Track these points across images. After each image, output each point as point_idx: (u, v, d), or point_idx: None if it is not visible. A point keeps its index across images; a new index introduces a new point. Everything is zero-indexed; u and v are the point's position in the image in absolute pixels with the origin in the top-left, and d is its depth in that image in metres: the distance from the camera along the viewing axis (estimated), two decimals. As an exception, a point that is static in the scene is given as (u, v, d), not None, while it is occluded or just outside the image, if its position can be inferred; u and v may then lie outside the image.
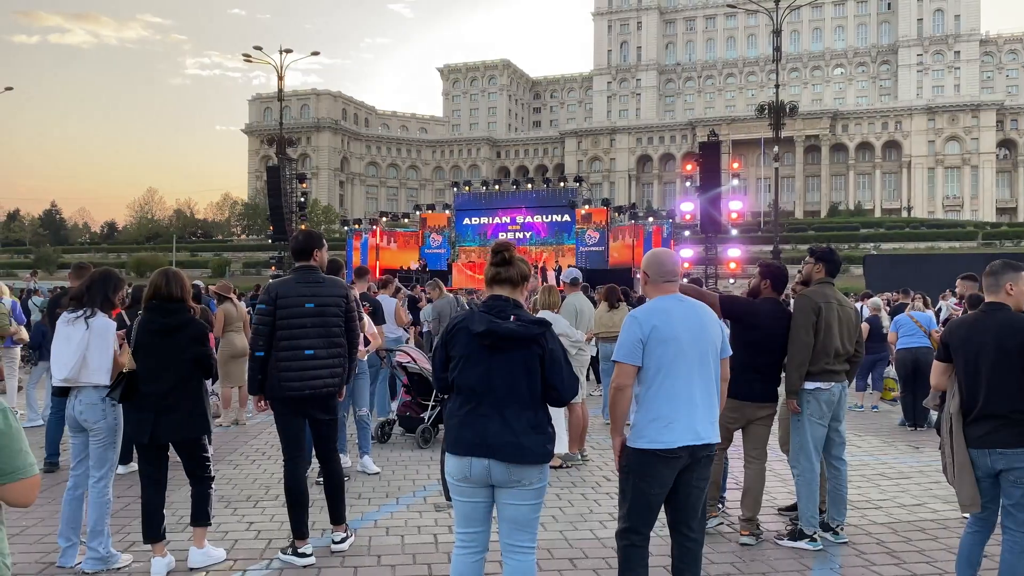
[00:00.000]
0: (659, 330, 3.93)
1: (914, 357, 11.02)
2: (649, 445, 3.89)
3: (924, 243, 76.06)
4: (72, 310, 5.29)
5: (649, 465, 3.91)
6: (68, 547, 5.26)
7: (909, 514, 6.70)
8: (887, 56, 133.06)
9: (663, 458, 3.89)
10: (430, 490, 7.30)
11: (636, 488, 3.96)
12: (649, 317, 3.98)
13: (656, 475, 3.92)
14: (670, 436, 3.88)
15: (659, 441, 3.88)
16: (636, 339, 3.94)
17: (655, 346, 3.92)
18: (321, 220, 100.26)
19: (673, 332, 3.94)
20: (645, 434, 3.92)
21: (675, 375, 3.92)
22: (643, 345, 3.92)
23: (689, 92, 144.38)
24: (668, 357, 3.92)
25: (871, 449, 9.53)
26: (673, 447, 3.88)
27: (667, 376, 3.92)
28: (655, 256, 4.27)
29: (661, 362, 3.92)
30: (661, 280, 4.15)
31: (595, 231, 41.68)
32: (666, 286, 4.14)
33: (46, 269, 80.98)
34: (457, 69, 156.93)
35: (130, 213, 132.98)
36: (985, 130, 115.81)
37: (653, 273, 4.16)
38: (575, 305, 8.95)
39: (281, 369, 5.26)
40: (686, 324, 3.99)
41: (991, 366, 4.24)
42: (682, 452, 3.90)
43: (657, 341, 3.92)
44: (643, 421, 3.94)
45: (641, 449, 3.92)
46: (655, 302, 4.09)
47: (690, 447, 3.90)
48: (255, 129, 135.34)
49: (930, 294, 16.17)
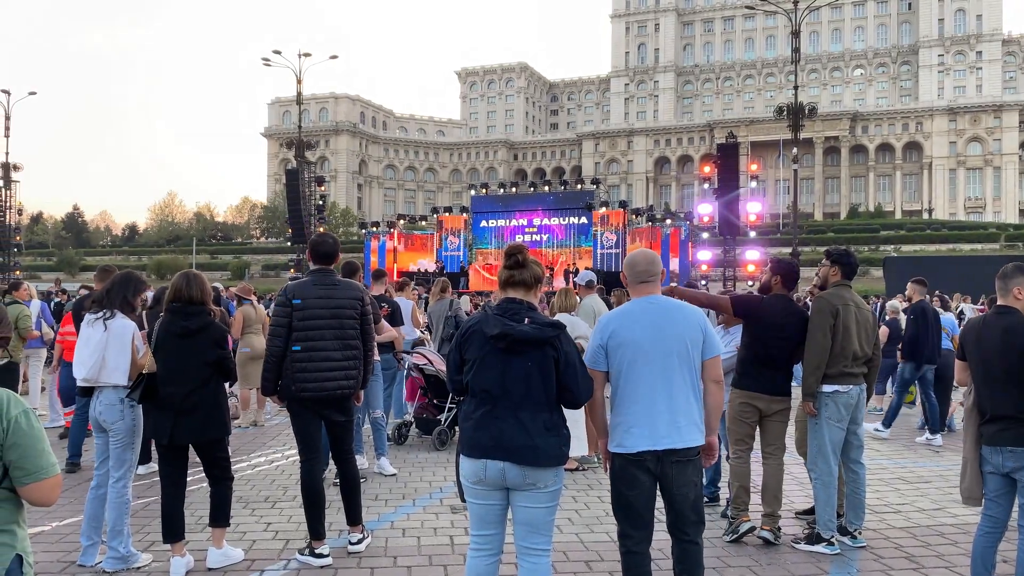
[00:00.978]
0: (617, 334, 3.95)
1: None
2: (616, 449, 3.97)
3: (945, 245, 75.27)
4: (94, 312, 5.38)
5: (622, 468, 3.96)
6: (89, 546, 5.33)
7: (928, 518, 6.65)
8: (908, 56, 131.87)
9: (632, 461, 3.92)
10: (446, 492, 7.32)
11: (616, 491, 4.02)
12: (610, 321, 4.03)
13: (629, 478, 3.93)
14: (631, 441, 3.90)
15: (623, 445, 3.93)
16: (597, 344, 3.99)
17: (614, 349, 3.95)
18: (339, 223, 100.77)
19: (631, 335, 3.93)
20: (614, 438, 4.00)
21: (635, 379, 3.92)
22: (604, 350, 3.96)
23: (707, 93, 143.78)
24: (627, 361, 3.93)
25: (890, 453, 9.46)
26: (634, 451, 3.89)
27: (627, 380, 3.94)
28: (630, 257, 4.26)
29: (620, 366, 3.94)
30: (636, 281, 4.12)
31: (612, 233, 41.60)
32: (642, 287, 4.11)
33: (68, 271, 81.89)
34: (474, 72, 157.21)
35: (151, 216, 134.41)
36: (1008, 131, 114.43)
37: (629, 274, 4.16)
38: (592, 307, 8.94)
39: (297, 371, 5.30)
40: (648, 326, 3.94)
41: (998, 368, 4.32)
42: (647, 456, 3.88)
43: (616, 345, 3.95)
44: (612, 425, 4.03)
45: (613, 452, 4.00)
46: (624, 305, 4.13)
47: (655, 451, 3.87)
48: (274, 132, 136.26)
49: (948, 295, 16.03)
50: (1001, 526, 4.45)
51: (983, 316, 4.70)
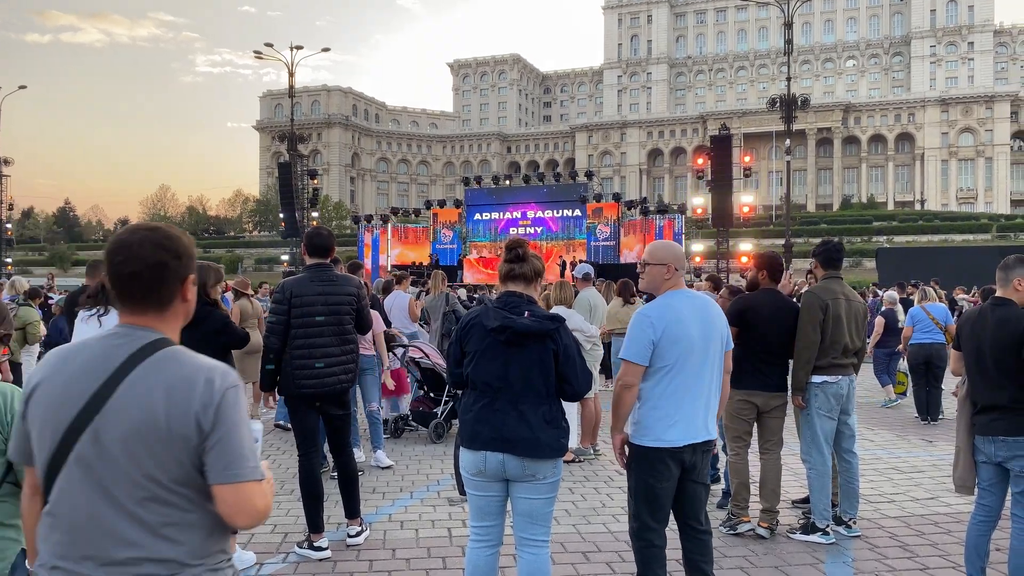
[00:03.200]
0: (671, 330, 3.90)
1: (927, 353, 11.01)
2: (655, 443, 3.91)
3: (938, 236, 75.49)
4: (88, 308, 5.36)
5: (657, 461, 3.93)
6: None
7: (922, 508, 6.71)
8: (900, 48, 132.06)
9: (670, 454, 3.92)
10: (443, 484, 7.35)
11: (645, 485, 3.96)
12: (662, 315, 3.93)
13: (663, 471, 3.94)
14: (676, 434, 3.91)
15: (664, 439, 3.90)
16: (648, 340, 3.89)
17: (667, 346, 3.89)
18: (332, 216, 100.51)
19: (685, 331, 3.92)
20: (652, 431, 3.92)
21: (684, 374, 3.92)
22: (654, 346, 3.89)
23: (700, 85, 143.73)
24: (678, 356, 3.91)
25: (884, 443, 9.53)
26: (678, 445, 3.91)
27: (676, 375, 3.91)
28: (677, 249, 4.22)
29: (671, 361, 3.91)
30: (683, 274, 4.16)
31: (606, 226, 41.56)
32: (681, 281, 4.14)
33: (60, 266, 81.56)
34: (467, 64, 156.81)
35: (143, 210, 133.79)
36: (999, 121, 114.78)
37: (681, 267, 4.11)
38: (589, 300, 8.97)
39: (296, 368, 5.31)
40: (697, 322, 3.97)
41: (991, 359, 4.37)
42: (687, 449, 3.93)
43: (669, 341, 3.89)
44: (650, 418, 3.93)
45: (647, 446, 3.93)
46: (667, 299, 4.03)
47: (692, 444, 3.94)
48: (266, 126, 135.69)
49: (944, 287, 16.10)
50: (994, 515, 4.50)
51: (979, 307, 4.74)
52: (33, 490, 2.05)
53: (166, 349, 1.96)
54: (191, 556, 1.91)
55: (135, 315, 2.01)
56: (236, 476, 1.90)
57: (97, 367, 1.92)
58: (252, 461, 1.95)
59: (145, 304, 2.00)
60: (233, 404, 1.93)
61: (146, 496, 1.88)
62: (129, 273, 1.96)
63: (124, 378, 1.90)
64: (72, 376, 1.93)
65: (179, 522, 1.90)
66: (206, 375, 1.93)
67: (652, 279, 4.12)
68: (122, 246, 1.97)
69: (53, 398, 1.93)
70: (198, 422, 1.88)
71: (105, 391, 1.89)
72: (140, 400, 1.88)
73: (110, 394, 1.89)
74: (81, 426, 1.89)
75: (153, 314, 2.01)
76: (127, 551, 1.86)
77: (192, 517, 1.92)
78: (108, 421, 1.88)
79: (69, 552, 1.89)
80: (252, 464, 1.94)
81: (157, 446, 1.87)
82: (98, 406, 1.89)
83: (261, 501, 1.94)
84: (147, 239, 1.98)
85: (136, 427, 1.87)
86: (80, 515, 1.88)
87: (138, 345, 1.94)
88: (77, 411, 1.89)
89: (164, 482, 1.89)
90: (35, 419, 1.95)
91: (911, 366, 11.34)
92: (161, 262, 1.97)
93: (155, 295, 1.99)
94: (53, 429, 1.91)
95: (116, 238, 2.01)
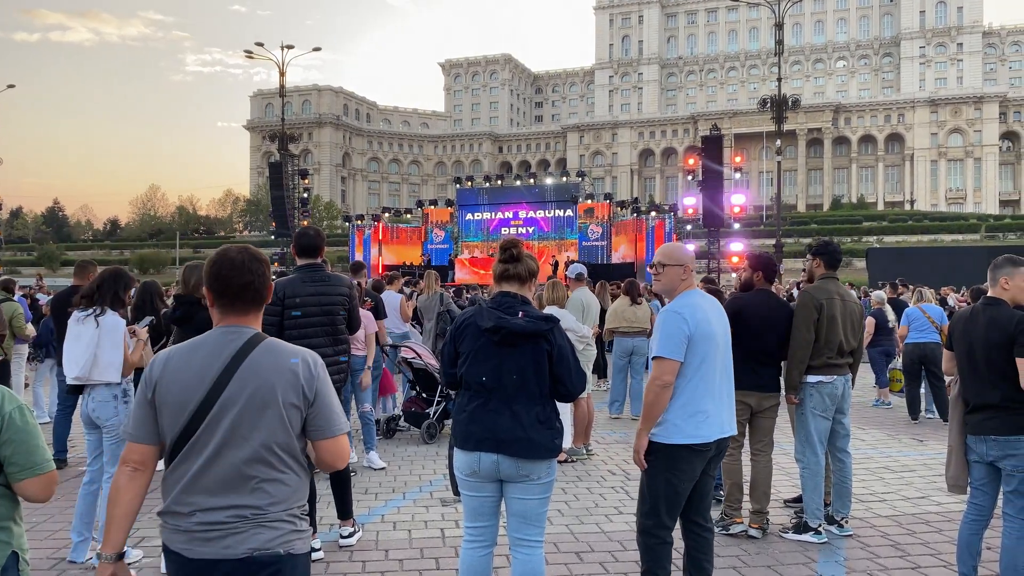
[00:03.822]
0: (701, 326, 3.97)
1: (921, 352, 11.04)
2: (687, 440, 3.92)
3: (927, 236, 75.92)
4: (82, 309, 5.33)
5: (683, 459, 3.94)
6: (80, 542, 5.30)
7: (913, 507, 6.74)
8: (889, 48, 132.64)
9: (697, 451, 3.94)
10: (436, 485, 7.34)
11: (668, 483, 3.97)
12: (693, 313, 3.98)
13: (688, 469, 3.97)
14: (708, 430, 3.95)
15: (697, 436, 3.92)
16: (684, 335, 3.92)
17: (700, 341, 3.95)
18: (323, 216, 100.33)
19: (711, 329, 4.01)
20: (683, 429, 3.92)
21: (711, 370, 3.99)
22: (689, 341, 3.93)
23: (691, 86, 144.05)
24: (706, 353, 3.97)
25: (875, 442, 9.56)
26: (709, 441, 3.95)
27: (705, 372, 3.96)
28: (688, 250, 4.31)
29: (700, 358, 3.95)
30: (695, 273, 4.24)
31: (597, 226, 41.67)
32: (694, 280, 4.22)
33: (49, 266, 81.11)
34: (458, 64, 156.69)
35: (133, 210, 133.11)
36: (988, 122, 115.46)
37: (694, 266, 4.24)
38: (581, 300, 8.96)
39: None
40: (718, 319, 4.10)
41: (982, 359, 4.41)
42: (713, 445, 3.99)
43: (702, 337, 3.95)
44: (681, 416, 3.93)
45: (675, 444, 3.93)
46: (690, 297, 4.08)
47: (718, 440, 4.01)
48: (257, 125, 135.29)
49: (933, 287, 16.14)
50: (986, 514, 4.53)
51: (971, 307, 4.77)
52: (139, 465, 2.46)
53: (266, 340, 2.52)
54: (284, 504, 2.47)
55: (239, 316, 2.54)
56: (335, 431, 2.53)
57: (217, 356, 2.45)
58: (342, 418, 2.57)
59: (249, 307, 2.55)
60: (325, 378, 2.54)
61: (252, 457, 2.42)
62: (241, 284, 2.51)
63: (240, 363, 2.43)
64: (199, 364, 2.44)
65: (275, 478, 2.45)
66: (303, 357, 2.51)
67: (670, 280, 4.15)
68: (232, 263, 2.52)
69: (185, 382, 2.42)
70: (303, 394, 2.47)
71: (226, 374, 2.42)
72: (255, 380, 2.43)
73: (231, 376, 2.42)
74: (211, 401, 2.41)
75: (252, 314, 2.57)
76: (231, 497, 2.40)
77: (286, 475, 2.48)
78: (231, 397, 2.41)
79: (187, 497, 2.40)
80: (343, 420, 2.57)
81: (269, 413, 2.42)
82: (223, 385, 2.41)
83: (348, 448, 2.62)
84: (251, 257, 2.55)
85: (253, 401, 2.41)
86: (204, 469, 2.39)
87: (246, 338, 2.49)
88: (207, 390, 2.41)
89: (270, 445, 2.43)
90: (166, 402, 2.43)
91: (905, 365, 11.40)
92: (263, 275, 2.56)
93: (259, 300, 2.57)
94: (185, 406, 2.40)
95: (224, 257, 2.54)
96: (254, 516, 2.41)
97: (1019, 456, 4.25)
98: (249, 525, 2.40)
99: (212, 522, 2.38)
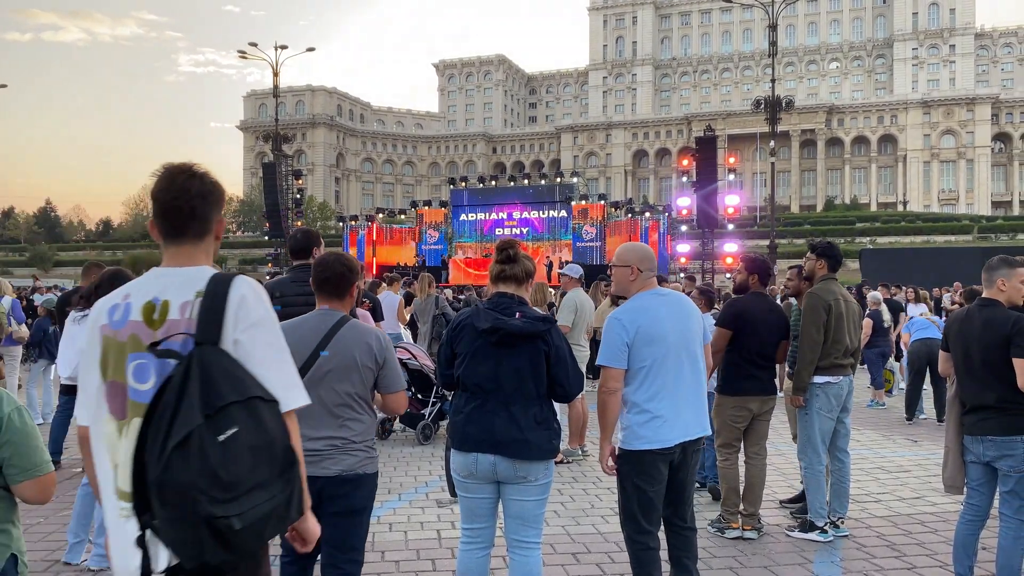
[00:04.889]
0: (645, 330, 3.93)
1: (929, 350, 10.98)
2: (647, 446, 3.91)
3: (920, 237, 76.07)
4: (80, 309, 5.32)
5: (648, 464, 3.94)
6: (76, 543, 5.28)
7: (908, 507, 6.76)
8: (882, 50, 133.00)
9: (660, 456, 3.94)
10: (432, 486, 7.33)
11: (637, 488, 3.97)
12: (634, 318, 3.96)
13: (655, 473, 3.97)
14: (669, 433, 3.92)
15: (657, 440, 3.91)
16: (622, 342, 3.92)
17: (642, 347, 3.91)
18: (317, 216, 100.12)
19: (660, 330, 3.95)
20: (642, 435, 3.93)
21: (664, 373, 3.94)
22: (628, 348, 3.92)
23: (685, 87, 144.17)
24: (658, 356, 3.93)
25: (870, 443, 9.59)
26: (670, 445, 3.92)
27: (657, 375, 3.93)
28: (642, 250, 4.23)
29: (649, 362, 3.92)
30: (651, 275, 4.15)
31: (592, 226, 41.74)
32: (651, 281, 4.14)
33: (41, 267, 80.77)
34: (452, 64, 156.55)
35: (126, 210, 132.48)
36: (980, 124, 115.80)
37: (644, 267, 4.12)
38: (575, 301, 8.93)
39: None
40: (672, 320, 4.00)
41: (978, 360, 4.41)
42: (677, 448, 3.96)
43: (644, 342, 3.92)
44: (638, 422, 3.94)
45: (638, 450, 3.93)
46: (638, 300, 4.06)
47: (683, 443, 3.97)
48: (250, 126, 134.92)
49: (926, 288, 16.22)
50: (983, 514, 4.53)
51: (967, 308, 4.78)
52: None
53: (352, 320, 3.54)
54: (361, 437, 3.47)
55: (332, 302, 3.57)
56: (397, 388, 3.61)
57: (317, 330, 3.44)
58: (402, 379, 3.66)
59: (338, 296, 3.57)
60: (392, 349, 3.59)
61: (340, 402, 3.43)
62: (332, 277, 3.54)
63: (333, 336, 3.43)
64: (303, 335, 3.41)
65: (355, 418, 3.46)
66: (376, 334, 3.57)
67: (618, 281, 4.20)
68: (325, 262, 3.58)
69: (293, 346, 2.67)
70: (376, 360, 3.50)
71: (323, 343, 3.42)
72: (344, 349, 3.43)
73: (326, 345, 3.42)
74: (310, 364, 3.36)
75: (336, 301, 3.57)
76: (327, 431, 3.38)
77: (363, 416, 3.49)
78: (326, 361, 3.40)
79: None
80: (403, 381, 3.68)
81: (353, 373, 3.44)
82: (320, 351, 3.40)
83: (406, 400, 3.74)
84: (339, 257, 3.64)
85: (343, 363, 3.43)
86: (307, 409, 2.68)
87: (337, 318, 3.49)
88: (309, 354, 3.37)
89: (352, 394, 3.45)
90: None
91: (911, 363, 11.45)
92: (353, 269, 3.59)
93: (349, 291, 3.59)
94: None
95: (321, 259, 3.63)
96: (343, 445, 3.38)
97: (1016, 456, 4.26)
98: (338, 452, 3.36)
99: (312, 449, 3.20)
